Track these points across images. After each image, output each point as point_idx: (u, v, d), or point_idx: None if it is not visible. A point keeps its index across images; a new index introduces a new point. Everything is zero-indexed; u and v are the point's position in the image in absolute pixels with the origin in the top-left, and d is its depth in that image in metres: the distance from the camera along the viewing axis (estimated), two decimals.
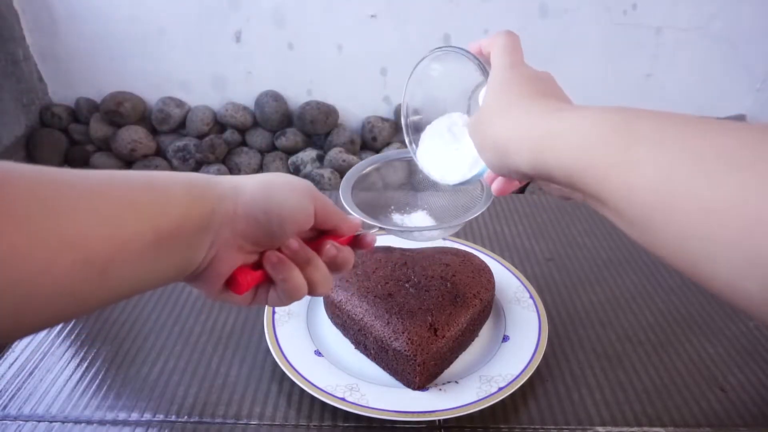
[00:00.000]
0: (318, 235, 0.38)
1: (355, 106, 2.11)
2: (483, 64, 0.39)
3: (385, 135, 2.07)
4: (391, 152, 0.53)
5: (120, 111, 2.01)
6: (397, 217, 0.52)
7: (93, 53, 2.01)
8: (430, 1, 1.92)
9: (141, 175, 0.29)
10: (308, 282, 0.35)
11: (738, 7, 1.88)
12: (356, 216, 0.42)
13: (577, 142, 0.27)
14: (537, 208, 0.84)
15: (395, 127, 2.10)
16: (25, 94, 1.98)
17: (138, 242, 0.27)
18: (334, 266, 0.37)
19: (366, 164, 0.52)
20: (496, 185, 0.39)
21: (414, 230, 0.49)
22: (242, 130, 2.09)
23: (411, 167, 0.53)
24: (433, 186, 0.51)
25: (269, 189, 0.33)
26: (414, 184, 0.53)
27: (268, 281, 0.36)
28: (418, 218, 0.52)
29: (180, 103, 2.08)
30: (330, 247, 0.36)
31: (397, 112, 2.07)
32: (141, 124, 2.07)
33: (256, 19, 1.95)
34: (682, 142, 0.23)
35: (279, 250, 0.35)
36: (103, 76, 2.05)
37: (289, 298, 0.35)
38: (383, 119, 2.09)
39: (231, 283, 0.34)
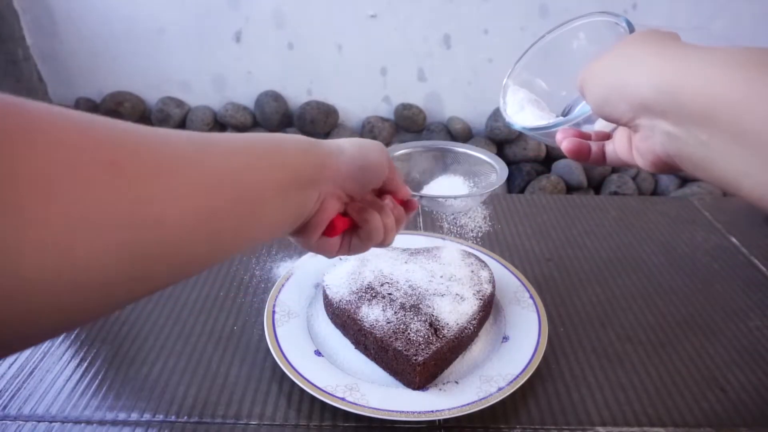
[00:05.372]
0: (378, 196, 0.44)
1: (355, 106, 2.11)
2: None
3: (385, 135, 2.07)
4: (423, 142, 0.59)
5: (120, 111, 2.01)
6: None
7: (93, 53, 2.01)
8: (430, 1, 1.92)
9: (254, 136, 0.33)
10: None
11: (738, 7, 1.88)
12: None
13: (724, 62, 0.26)
14: (537, 208, 0.84)
15: (395, 127, 2.10)
16: (25, 94, 1.97)
17: (269, 189, 0.31)
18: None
19: (399, 148, 0.58)
20: (568, 143, 0.40)
21: (447, 198, 0.53)
22: (242, 130, 2.09)
23: (436, 157, 0.59)
24: (452, 172, 0.57)
25: (364, 149, 0.39)
26: (436, 170, 0.59)
27: (353, 229, 0.42)
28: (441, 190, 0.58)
29: (180, 103, 2.08)
30: (389, 201, 0.43)
31: (403, 106, 2.07)
32: (141, 123, 2.07)
33: (256, 19, 1.95)
34: None
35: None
36: (103, 76, 2.05)
37: (369, 239, 0.42)
38: (383, 119, 2.09)
39: (327, 229, 0.39)
